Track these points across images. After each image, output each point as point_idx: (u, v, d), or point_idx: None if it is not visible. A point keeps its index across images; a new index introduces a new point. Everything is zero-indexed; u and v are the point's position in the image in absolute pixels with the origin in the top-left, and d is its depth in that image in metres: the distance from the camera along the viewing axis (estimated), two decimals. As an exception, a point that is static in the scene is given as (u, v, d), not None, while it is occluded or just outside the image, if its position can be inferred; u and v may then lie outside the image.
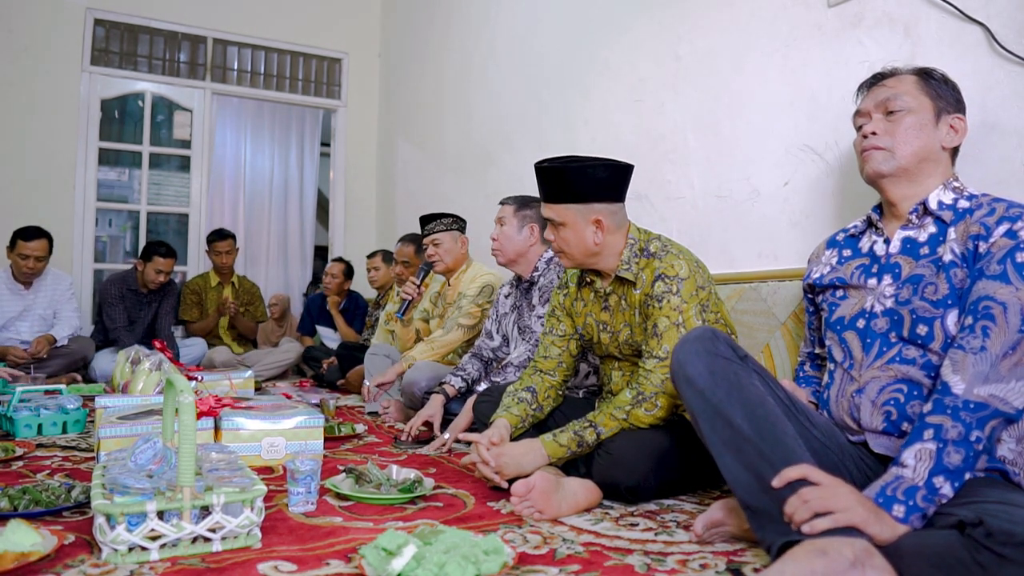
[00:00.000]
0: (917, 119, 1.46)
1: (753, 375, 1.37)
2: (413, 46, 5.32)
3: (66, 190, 4.95)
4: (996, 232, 1.31)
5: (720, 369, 1.35)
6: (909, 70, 1.53)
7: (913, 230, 1.46)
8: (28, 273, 4.07)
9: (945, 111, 1.48)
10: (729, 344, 1.41)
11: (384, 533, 1.23)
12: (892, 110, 1.48)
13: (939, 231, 1.42)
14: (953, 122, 1.48)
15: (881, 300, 1.45)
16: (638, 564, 1.30)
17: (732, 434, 1.28)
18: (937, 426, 1.18)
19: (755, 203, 2.39)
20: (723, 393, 1.31)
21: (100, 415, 2.17)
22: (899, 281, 1.43)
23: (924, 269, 1.40)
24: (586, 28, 3.26)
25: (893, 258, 1.46)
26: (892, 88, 1.50)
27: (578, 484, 1.66)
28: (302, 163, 6.48)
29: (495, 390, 2.32)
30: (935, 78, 1.51)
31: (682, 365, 1.39)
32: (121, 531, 1.25)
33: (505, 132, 3.94)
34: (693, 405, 1.36)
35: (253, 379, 3.22)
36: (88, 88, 5.02)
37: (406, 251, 3.91)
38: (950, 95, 1.50)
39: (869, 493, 1.17)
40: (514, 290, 2.72)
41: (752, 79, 2.40)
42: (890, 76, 1.53)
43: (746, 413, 1.28)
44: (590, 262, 1.89)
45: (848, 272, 1.55)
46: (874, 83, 1.55)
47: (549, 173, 1.82)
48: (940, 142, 1.47)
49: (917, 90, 1.49)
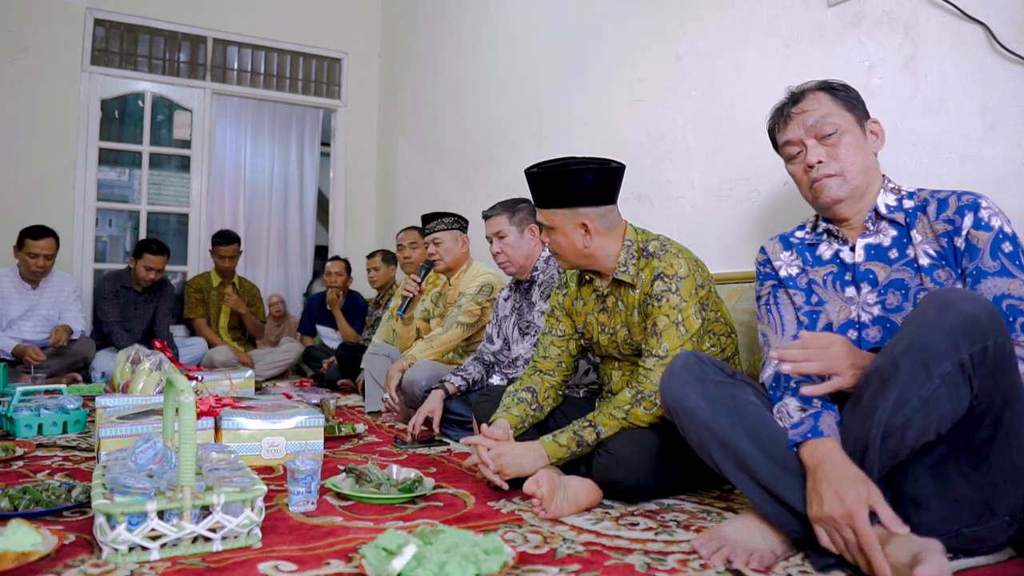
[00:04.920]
0: (852, 137, 1.48)
1: (748, 389, 1.43)
2: (413, 46, 5.32)
3: (66, 190, 4.95)
4: (964, 225, 1.36)
5: (715, 395, 1.39)
6: (815, 87, 1.53)
7: (872, 236, 1.48)
8: (38, 272, 4.11)
9: (863, 119, 1.51)
10: (716, 365, 1.46)
11: (384, 533, 1.23)
12: (826, 134, 1.48)
13: (900, 234, 1.45)
14: (872, 127, 1.52)
15: (866, 309, 1.46)
16: (638, 564, 1.30)
17: (743, 459, 1.33)
18: None
19: (755, 203, 2.39)
20: (725, 422, 1.36)
21: (100, 415, 2.17)
22: (879, 288, 1.45)
23: (902, 273, 1.42)
24: (586, 28, 3.26)
25: (863, 266, 1.48)
26: (815, 111, 1.49)
27: (578, 484, 1.66)
28: (302, 163, 6.48)
29: (495, 390, 2.32)
30: (841, 89, 1.52)
31: (678, 399, 1.42)
32: (121, 531, 1.25)
33: (505, 132, 3.94)
34: (698, 436, 1.40)
35: (253, 379, 3.23)
36: (88, 88, 5.02)
37: (411, 235, 4.02)
38: (860, 102, 1.52)
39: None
40: (513, 292, 2.72)
41: (752, 79, 2.40)
42: (802, 98, 1.52)
43: (751, 436, 1.33)
44: (584, 264, 1.89)
45: (820, 277, 1.54)
46: (790, 109, 1.53)
47: (535, 179, 1.83)
48: (872, 151, 1.51)
49: (837, 107, 1.49)
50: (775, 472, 1.29)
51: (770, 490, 1.29)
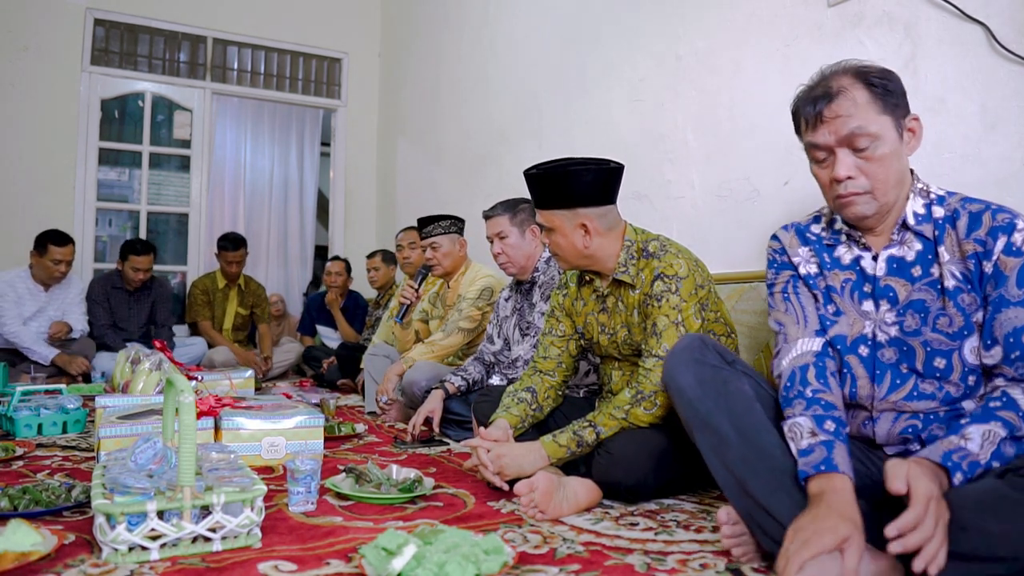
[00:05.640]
0: (889, 148, 1.30)
1: (743, 379, 1.40)
2: (413, 46, 5.32)
3: (66, 190, 4.95)
4: (996, 248, 1.26)
5: (708, 377, 1.39)
6: (852, 76, 1.32)
7: (896, 247, 1.37)
8: (57, 277, 4.16)
9: (902, 117, 1.32)
10: (717, 350, 1.44)
11: (384, 533, 1.23)
12: (861, 147, 1.30)
13: (925, 248, 1.34)
14: (911, 125, 1.34)
15: (883, 328, 1.36)
16: (638, 564, 1.30)
17: (718, 441, 1.32)
18: (1007, 421, 1.19)
19: (755, 203, 2.39)
20: (711, 402, 1.36)
21: (100, 415, 2.17)
22: (898, 307, 1.35)
23: (923, 294, 1.33)
24: (586, 28, 3.26)
25: (883, 281, 1.37)
26: (850, 117, 1.30)
27: (578, 484, 1.66)
28: (302, 163, 6.48)
29: (495, 390, 2.32)
30: (880, 82, 1.31)
31: (672, 376, 1.43)
32: (121, 531, 1.25)
33: (505, 132, 3.94)
34: (684, 414, 1.41)
35: (253, 379, 3.23)
36: (88, 88, 5.02)
37: (410, 235, 4.01)
38: (901, 96, 1.33)
39: (931, 455, 1.16)
40: (514, 293, 2.72)
41: (752, 79, 2.40)
42: (837, 96, 1.31)
43: (732, 421, 1.33)
44: (584, 264, 1.89)
45: (838, 284, 1.43)
46: (823, 108, 1.32)
47: (534, 180, 1.83)
48: (904, 156, 1.34)
49: (874, 110, 1.30)
50: (748, 458, 1.28)
51: (738, 477, 1.28)
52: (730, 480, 1.30)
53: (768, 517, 1.23)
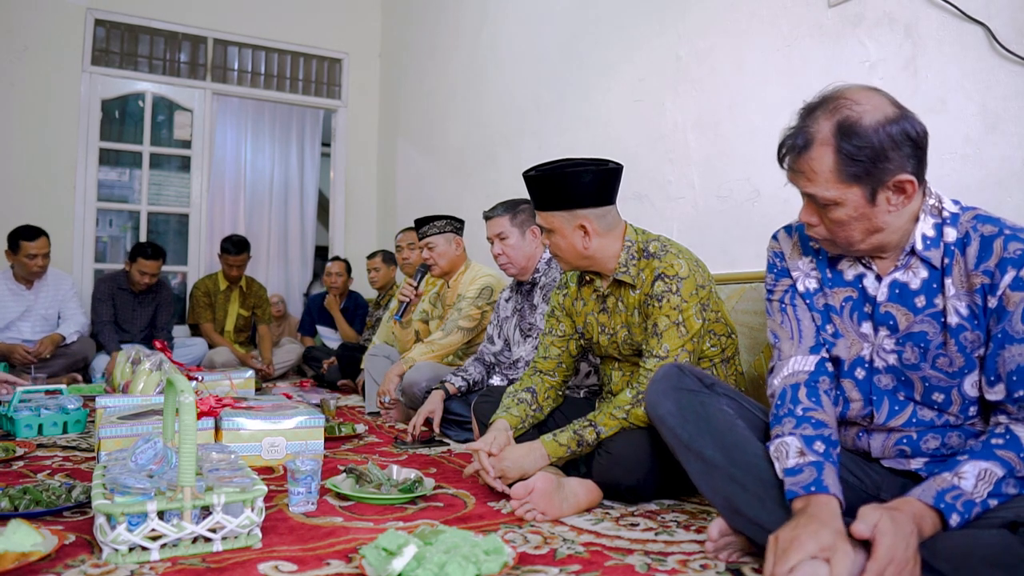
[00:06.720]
0: (848, 213, 1.24)
1: (722, 400, 1.42)
2: (413, 46, 5.32)
3: (66, 190, 4.95)
4: (1003, 282, 1.19)
5: (687, 403, 1.41)
6: (828, 133, 1.22)
7: (901, 271, 1.31)
8: (38, 272, 4.10)
9: (878, 185, 1.21)
10: (695, 375, 1.47)
11: (384, 533, 1.23)
12: (821, 205, 1.26)
13: (931, 277, 1.28)
14: (899, 186, 1.22)
15: (881, 355, 1.33)
16: (638, 564, 1.30)
17: (703, 466, 1.34)
18: (1006, 461, 1.15)
19: (755, 203, 2.39)
20: (692, 426, 1.38)
21: (100, 415, 2.17)
22: (898, 335, 1.31)
23: (925, 326, 1.28)
24: (586, 28, 3.26)
25: (883, 307, 1.32)
26: (809, 181, 1.25)
27: (579, 484, 1.67)
28: (302, 163, 6.49)
29: (495, 390, 2.32)
30: (853, 144, 1.20)
31: (654, 407, 1.47)
32: (122, 531, 1.25)
33: (505, 132, 3.94)
34: (669, 442, 1.43)
35: (253, 379, 3.23)
36: (88, 88, 5.02)
37: (410, 236, 4.01)
38: (875, 159, 1.20)
39: (923, 496, 1.13)
40: (515, 294, 2.71)
41: (752, 79, 2.40)
42: (806, 150, 1.24)
43: (715, 442, 1.34)
44: (584, 265, 1.89)
45: (837, 303, 1.38)
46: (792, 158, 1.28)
47: (533, 182, 1.83)
48: (885, 214, 1.24)
49: (836, 178, 1.22)
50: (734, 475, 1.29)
51: (726, 496, 1.29)
52: (720, 501, 1.31)
53: (761, 531, 1.23)
